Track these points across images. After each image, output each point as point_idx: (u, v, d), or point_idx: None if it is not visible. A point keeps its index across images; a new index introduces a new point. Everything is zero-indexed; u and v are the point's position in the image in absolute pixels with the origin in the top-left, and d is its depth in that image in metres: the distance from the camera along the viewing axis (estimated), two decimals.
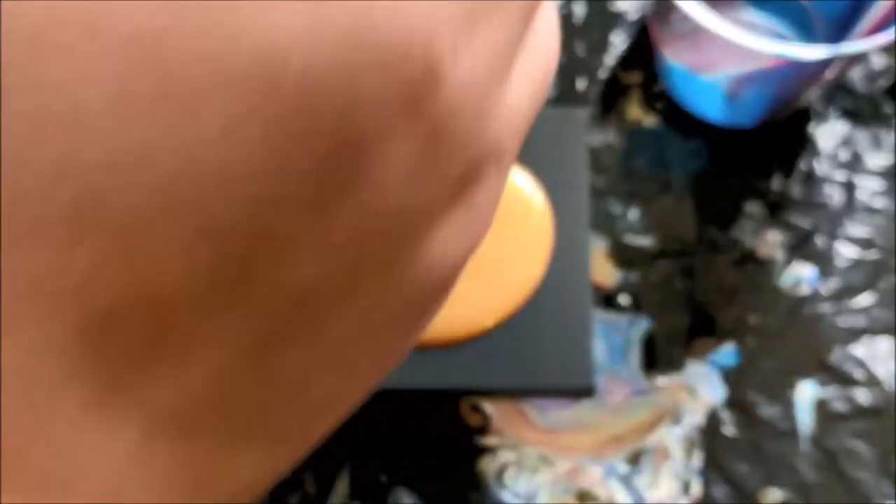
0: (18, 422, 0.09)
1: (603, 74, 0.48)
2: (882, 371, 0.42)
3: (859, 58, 0.44)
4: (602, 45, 0.49)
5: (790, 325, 0.43)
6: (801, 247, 0.45)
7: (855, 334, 0.43)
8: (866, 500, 0.40)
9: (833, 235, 0.45)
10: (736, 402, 0.42)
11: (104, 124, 0.08)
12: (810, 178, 0.46)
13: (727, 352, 0.43)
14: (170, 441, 0.10)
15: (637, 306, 0.44)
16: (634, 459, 0.41)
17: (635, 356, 0.43)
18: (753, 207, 0.45)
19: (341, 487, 0.41)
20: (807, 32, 0.47)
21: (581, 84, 0.48)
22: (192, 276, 0.09)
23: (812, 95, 0.45)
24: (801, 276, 0.44)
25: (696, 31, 0.40)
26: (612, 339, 0.43)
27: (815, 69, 0.41)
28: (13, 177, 0.08)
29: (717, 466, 0.41)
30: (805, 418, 0.42)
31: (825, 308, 0.44)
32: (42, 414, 0.09)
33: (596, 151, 0.46)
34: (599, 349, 0.42)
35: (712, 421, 0.42)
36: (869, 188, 0.46)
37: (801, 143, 0.47)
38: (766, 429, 0.42)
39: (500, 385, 0.37)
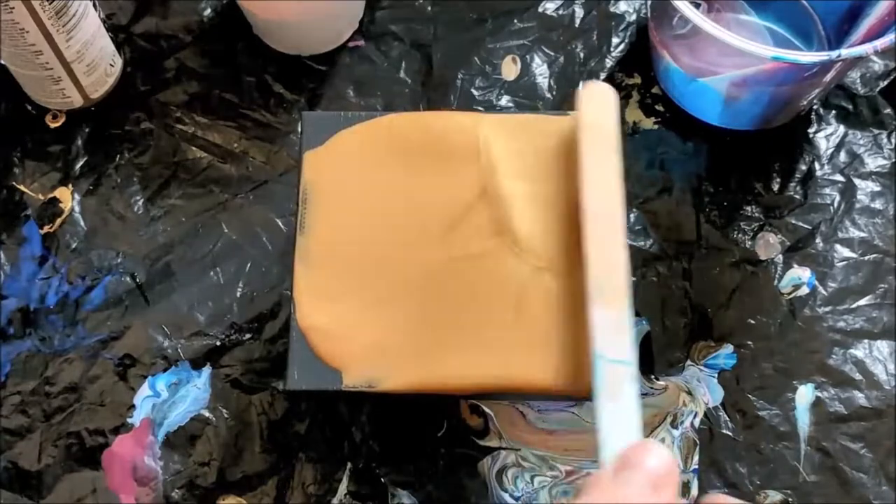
0: None
1: (602, 76, 0.48)
2: (881, 373, 0.42)
3: (858, 61, 0.44)
4: (602, 48, 0.49)
5: (789, 326, 0.43)
6: (799, 249, 0.45)
7: (854, 336, 0.43)
8: (865, 501, 0.41)
9: (832, 237, 0.45)
10: (735, 404, 0.42)
11: None
12: (809, 180, 0.46)
13: (726, 353, 0.43)
14: None
15: (636, 308, 0.44)
16: None
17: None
18: (752, 209, 0.45)
19: (341, 487, 0.41)
20: (807, 35, 0.47)
21: (581, 86, 0.48)
22: None
23: (811, 99, 0.45)
24: (799, 277, 0.44)
25: (695, 34, 0.41)
26: None
27: (813, 72, 0.41)
28: None
29: (715, 468, 0.41)
30: (804, 420, 0.42)
31: (824, 310, 0.44)
32: None
33: None
34: None
35: (711, 422, 0.42)
36: (868, 190, 0.46)
37: (799, 145, 0.47)
38: (765, 430, 0.42)
39: None
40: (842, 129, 0.47)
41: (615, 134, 0.36)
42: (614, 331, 0.32)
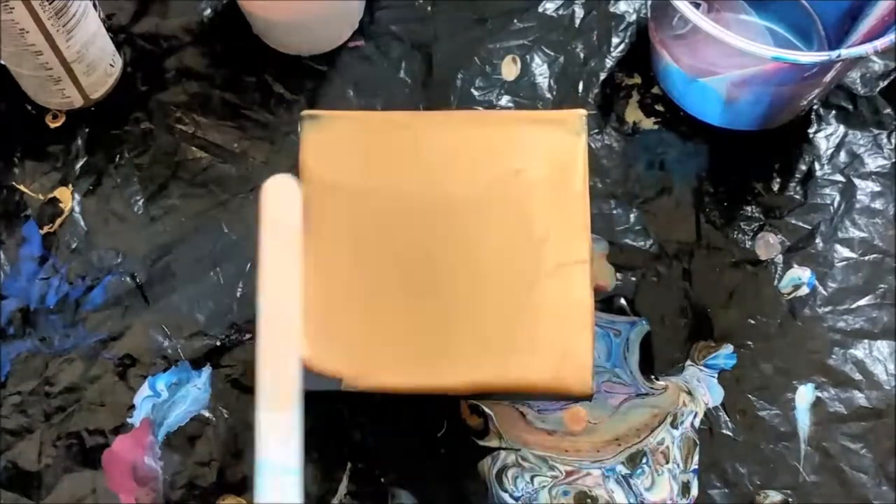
0: None
1: (602, 77, 0.48)
2: (881, 373, 0.42)
3: (858, 61, 0.44)
4: (602, 48, 0.49)
5: (789, 327, 0.43)
6: (799, 249, 0.45)
7: (854, 336, 0.43)
8: (865, 501, 0.41)
9: (832, 237, 0.45)
10: (735, 404, 0.42)
11: None
12: (809, 180, 0.46)
13: (726, 354, 0.43)
14: None
15: (636, 308, 0.44)
16: (634, 461, 0.41)
17: (634, 358, 0.43)
18: (752, 209, 0.45)
19: (341, 487, 0.41)
20: (807, 35, 0.47)
21: (580, 86, 0.48)
22: None
23: (811, 99, 0.45)
24: (799, 277, 0.44)
25: (695, 34, 0.41)
26: (612, 342, 0.43)
27: (813, 72, 0.41)
28: None
29: (715, 468, 0.41)
30: (804, 420, 0.42)
31: (824, 310, 0.44)
32: None
33: (595, 153, 0.46)
34: (599, 351, 0.42)
35: (711, 423, 0.42)
36: (868, 190, 0.46)
37: (799, 145, 0.47)
38: (765, 430, 0.42)
39: None
40: (842, 129, 0.47)
41: (297, 230, 0.35)
42: (281, 436, 0.32)
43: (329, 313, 0.37)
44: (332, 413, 0.42)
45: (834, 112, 0.47)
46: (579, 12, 0.49)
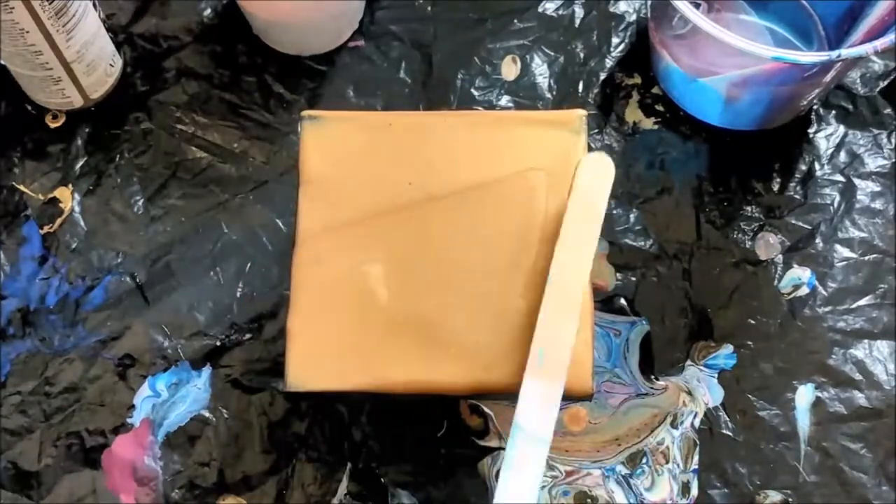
0: None
1: (602, 77, 0.48)
2: (881, 373, 0.42)
3: (858, 61, 0.44)
4: (601, 48, 0.49)
5: (789, 327, 0.43)
6: (799, 249, 0.45)
7: (854, 336, 0.43)
8: (865, 501, 0.41)
9: (832, 237, 0.45)
10: (735, 404, 0.42)
11: None
12: (809, 180, 0.46)
13: (726, 354, 0.43)
14: None
15: (636, 308, 0.44)
16: (634, 461, 0.41)
17: (634, 358, 0.43)
18: (752, 209, 0.45)
19: (341, 487, 0.41)
20: (807, 35, 0.47)
21: (580, 86, 0.48)
22: None
23: (811, 99, 0.45)
24: (799, 277, 0.44)
25: (694, 34, 0.41)
26: (612, 342, 0.43)
27: (813, 72, 0.41)
28: None
29: (715, 468, 0.41)
30: (804, 420, 0.42)
31: (824, 310, 0.44)
32: None
33: None
34: (599, 351, 0.42)
35: (711, 423, 0.42)
36: (868, 190, 0.46)
37: (799, 145, 0.47)
38: (765, 431, 0.42)
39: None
40: (842, 129, 0.47)
41: (603, 208, 0.35)
42: (541, 405, 0.32)
43: (329, 313, 0.37)
44: (332, 413, 0.42)
45: (834, 112, 0.47)
46: (579, 12, 0.49)
